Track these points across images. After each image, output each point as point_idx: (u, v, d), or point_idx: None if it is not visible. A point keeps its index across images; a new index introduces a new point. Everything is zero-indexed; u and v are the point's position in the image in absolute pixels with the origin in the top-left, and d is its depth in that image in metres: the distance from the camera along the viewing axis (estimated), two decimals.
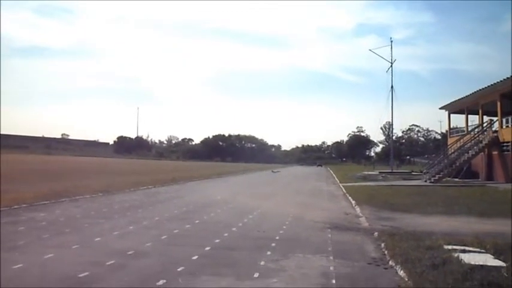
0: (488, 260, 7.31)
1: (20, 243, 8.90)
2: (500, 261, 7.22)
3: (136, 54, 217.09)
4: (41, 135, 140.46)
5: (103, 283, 6.41)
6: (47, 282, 6.26)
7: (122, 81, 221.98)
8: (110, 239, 9.75)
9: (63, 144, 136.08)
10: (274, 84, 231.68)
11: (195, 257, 8.06)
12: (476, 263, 6.96)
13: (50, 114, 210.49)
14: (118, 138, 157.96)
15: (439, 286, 6.00)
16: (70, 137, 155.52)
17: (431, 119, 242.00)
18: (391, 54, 54.94)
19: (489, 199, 19.14)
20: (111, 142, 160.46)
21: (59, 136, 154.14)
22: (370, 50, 58.71)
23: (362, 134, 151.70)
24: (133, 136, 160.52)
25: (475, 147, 33.18)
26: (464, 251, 7.89)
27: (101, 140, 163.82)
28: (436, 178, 31.86)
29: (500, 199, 19.11)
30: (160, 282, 6.45)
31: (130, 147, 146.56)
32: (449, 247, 8.28)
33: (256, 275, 6.97)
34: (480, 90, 33.30)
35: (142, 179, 30.29)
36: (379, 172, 50.07)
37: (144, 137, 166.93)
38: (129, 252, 8.30)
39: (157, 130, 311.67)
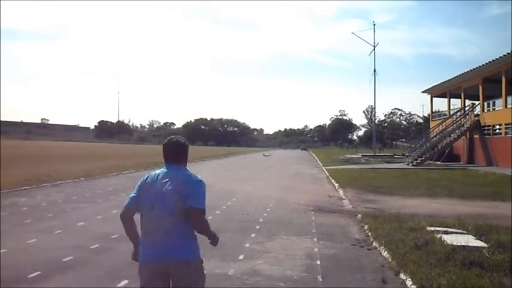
0: (469, 240, 7.42)
1: (2, 228, 8.74)
2: (481, 242, 7.34)
3: (116, 37, 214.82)
4: (19, 120, 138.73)
5: (88, 267, 6.36)
6: (30, 266, 6.18)
7: (102, 64, 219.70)
8: (94, 223, 9.68)
9: (43, 129, 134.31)
10: (256, 68, 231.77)
11: None
12: (458, 244, 7.05)
13: (29, 99, 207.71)
14: (99, 122, 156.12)
15: (422, 266, 6.07)
16: (50, 122, 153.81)
17: (414, 103, 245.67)
18: (374, 37, 55.27)
19: (470, 182, 19.43)
20: (92, 127, 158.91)
21: (39, 121, 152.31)
22: (352, 33, 59.05)
23: (344, 117, 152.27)
24: (114, 120, 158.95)
25: (456, 131, 33.54)
26: (446, 232, 7.98)
27: (82, 125, 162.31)
28: (418, 161, 32.16)
29: (481, 182, 19.41)
30: None
31: (111, 131, 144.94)
32: (432, 228, 8.40)
33: (241, 256, 6.99)
34: (462, 74, 33.53)
35: (124, 163, 30.01)
36: (362, 155, 50.45)
37: (126, 122, 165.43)
38: (113, 236, 8.22)
39: (138, 114, 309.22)
